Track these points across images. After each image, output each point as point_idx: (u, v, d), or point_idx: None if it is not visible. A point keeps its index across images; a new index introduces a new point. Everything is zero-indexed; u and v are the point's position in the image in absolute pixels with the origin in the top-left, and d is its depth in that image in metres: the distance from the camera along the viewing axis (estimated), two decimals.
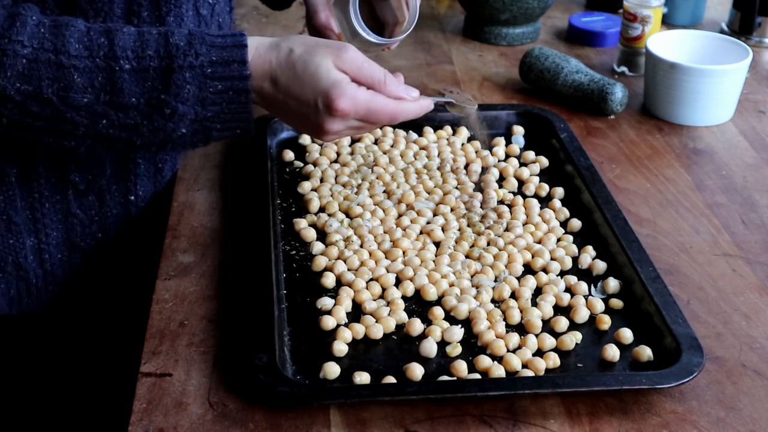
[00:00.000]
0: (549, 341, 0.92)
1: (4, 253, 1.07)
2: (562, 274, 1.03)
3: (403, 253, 1.05)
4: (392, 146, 1.25)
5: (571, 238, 1.09)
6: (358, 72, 0.93)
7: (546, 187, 1.18)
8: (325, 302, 0.97)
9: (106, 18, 0.99)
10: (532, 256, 1.05)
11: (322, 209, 1.13)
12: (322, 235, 1.08)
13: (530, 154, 1.25)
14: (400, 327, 0.95)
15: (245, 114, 0.93)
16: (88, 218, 1.10)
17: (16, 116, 0.89)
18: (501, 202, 1.15)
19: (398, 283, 1.01)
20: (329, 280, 1.00)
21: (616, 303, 0.98)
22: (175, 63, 0.90)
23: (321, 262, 1.03)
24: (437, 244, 1.07)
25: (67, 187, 1.07)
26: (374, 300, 0.98)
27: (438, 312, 0.96)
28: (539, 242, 1.08)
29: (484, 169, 1.22)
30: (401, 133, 1.27)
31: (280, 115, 0.97)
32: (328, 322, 0.94)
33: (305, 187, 1.16)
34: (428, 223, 1.10)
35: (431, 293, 0.98)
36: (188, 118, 0.91)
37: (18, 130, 0.91)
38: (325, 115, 0.92)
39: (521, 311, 0.96)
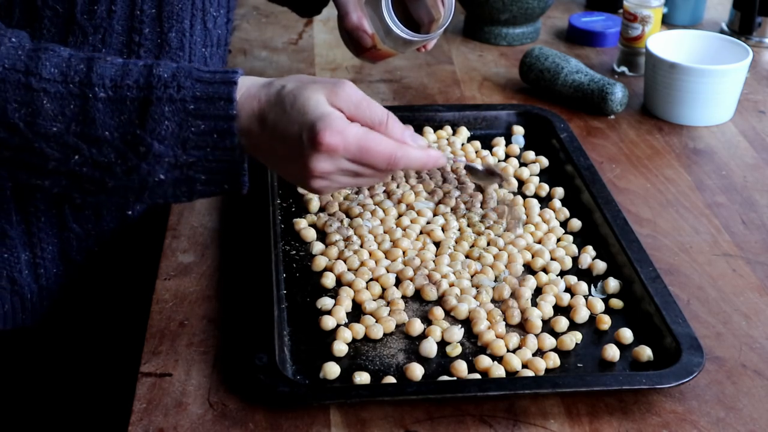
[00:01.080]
0: (549, 341, 0.92)
1: None
2: (562, 274, 1.03)
3: (403, 253, 1.05)
4: None
5: (571, 238, 1.09)
6: (356, 110, 0.83)
7: (546, 187, 1.18)
8: (325, 302, 0.97)
9: (106, 34, 0.96)
10: (532, 256, 1.05)
11: (322, 209, 1.13)
12: (322, 235, 1.08)
13: (530, 154, 1.25)
14: (400, 327, 0.95)
15: (233, 164, 0.84)
16: (84, 232, 1.07)
17: None
18: (501, 202, 1.15)
19: (398, 283, 1.01)
20: (329, 280, 1.00)
21: (616, 303, 0.98)
22: (154, 95, 0.81)
23: (321, 262, 1.03)
24: (437, 244, 1.07)
25: (63, 201, 1.04)
26: (374, 300, 0.98)
27: (438, 312, 0.96)
28: (539, 242, 1.08)
29: None
30: None
31: (269, 162, 0.87)
32: (328, 322, 0.94)
33: None
34: (428, 223, 1.10)
35: (431, 293, 0.99)
36: (166, 160, 0.82)
37: None
38: (310, 151, 0.81)
39: (521, 311, 0.96)
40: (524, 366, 0.90)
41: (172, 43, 1.02)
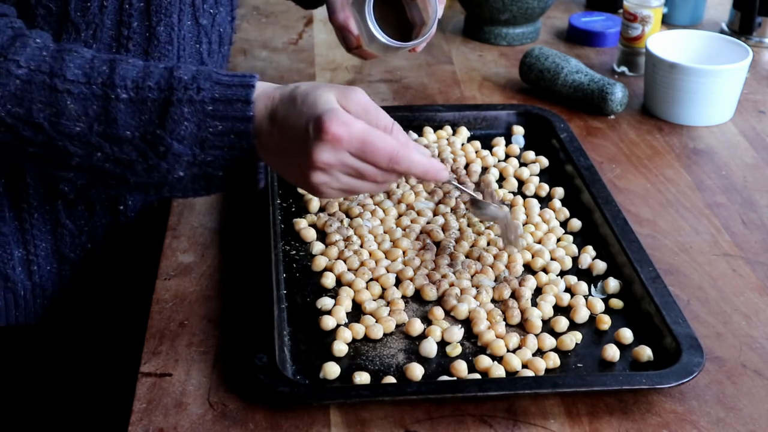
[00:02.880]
0: (549, 341, 0.92)
1: None
2: (562, 274, 1.03)
3: (403, 253, 1.05)
4: None
5: (571, 238, 1.09)
6: (364, 113, 0.84)
7: (546, 187, 1.18)
8: (325, 302, 0.97)
9: (97, 29, 0.98)
10: (532, 256, 1.05)
11: (322, 209, 1.13)
12: (322, 235, 1.08)
13: (530, 154, 1.25)
14: (400, 327, 0.95)
15: (250, 163, 0.86)
16: (77, 228, 1.08)
17: (10, 140, 0.85)
18: (501, 202, 1.15)
19: (398, 283, 1.01)
20: (329, 280, 1.00)
21: (616, 303, 0.98)
22: (174, 96, 0.84)
23: (321, 262, 1.03)
24: (437, 244, 1.07)
25: (56, 197, 1.05)
26: (374, 300, 0.98)
27: (438, 312, 0.96)
28: (539, 242, 1.08)
29: (484, 169, 1.22)
30: None
31: (273, 161, 0.87)
32: (328, 322, 0.94)
33: None
34: (428, 223, 1.10)
35: (431, 293, 0.99)
36: (184, 159, 0.85)
37: (14, 156, 0.87)
38: (315, 141, 0.82)
39: (521, 311, 0.96)
40: (524, 366, 0.90)
41: (161, 37, 1.03)
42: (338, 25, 1.09)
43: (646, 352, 0.90)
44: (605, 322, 0.95)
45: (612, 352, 0.90)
